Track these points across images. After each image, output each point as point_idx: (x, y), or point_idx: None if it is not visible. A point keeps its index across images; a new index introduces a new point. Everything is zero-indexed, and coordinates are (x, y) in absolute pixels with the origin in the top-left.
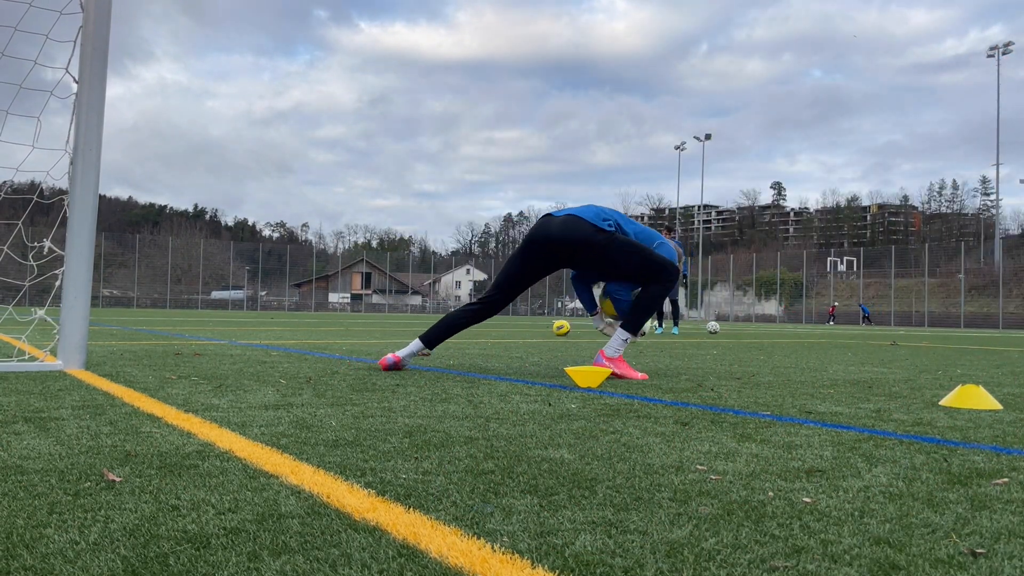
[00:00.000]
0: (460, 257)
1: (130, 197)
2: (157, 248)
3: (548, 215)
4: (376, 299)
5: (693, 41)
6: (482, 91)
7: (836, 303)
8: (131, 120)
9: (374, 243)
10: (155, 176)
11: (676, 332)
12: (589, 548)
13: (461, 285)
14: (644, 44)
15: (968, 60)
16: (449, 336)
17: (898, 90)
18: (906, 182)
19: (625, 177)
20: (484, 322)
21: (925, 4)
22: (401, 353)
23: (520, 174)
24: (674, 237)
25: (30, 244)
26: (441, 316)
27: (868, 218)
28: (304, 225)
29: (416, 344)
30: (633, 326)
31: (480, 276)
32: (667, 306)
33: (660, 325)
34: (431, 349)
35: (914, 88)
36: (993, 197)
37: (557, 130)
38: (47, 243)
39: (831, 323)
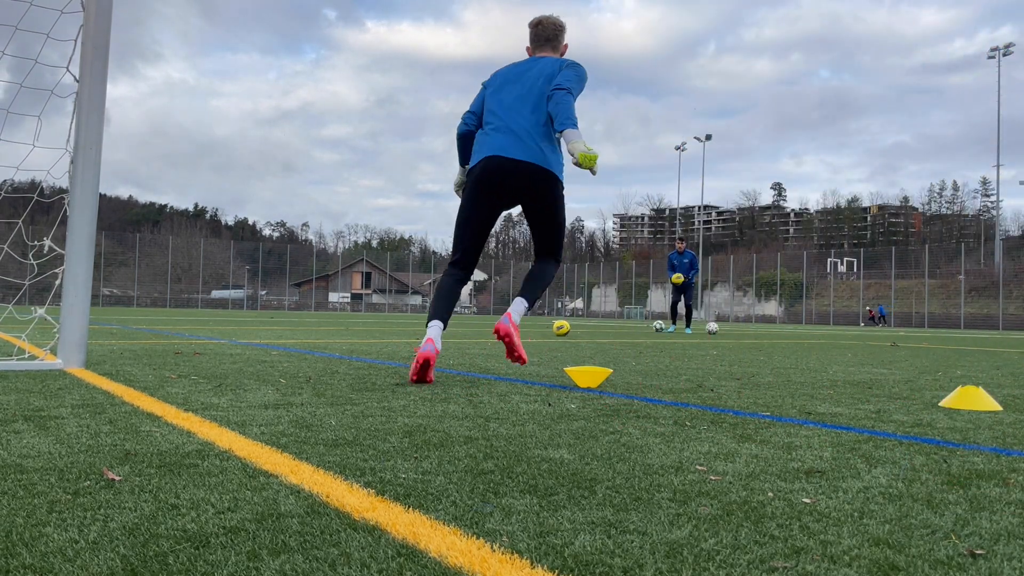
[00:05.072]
0: None
1: (131, 196)
2: (157, 247)
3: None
4: (376, 299)
5: (701, 41)
6: None
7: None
8: (137, 120)
9: (374, 243)
10: (160, 175)
11: (689, 332)
12: (588, 548)
13: None
14: (652, 43)
15: (977, 61)
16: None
17: (906, 91)
18: (913, 183)
19: (629, 177)
20: (484, 322)
21: (936, 4)
22: (439, 345)
23: None
24: (684, 248)
25: (30, 243)
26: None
27: (868, 219)
28: (304, 224)
29: (438, 326)
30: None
31: (480, 276)
32: (682, 308)
33: (674, 324)
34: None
35: (922, 89)
36: (993, 198)
37: None
38: (47, 242)
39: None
